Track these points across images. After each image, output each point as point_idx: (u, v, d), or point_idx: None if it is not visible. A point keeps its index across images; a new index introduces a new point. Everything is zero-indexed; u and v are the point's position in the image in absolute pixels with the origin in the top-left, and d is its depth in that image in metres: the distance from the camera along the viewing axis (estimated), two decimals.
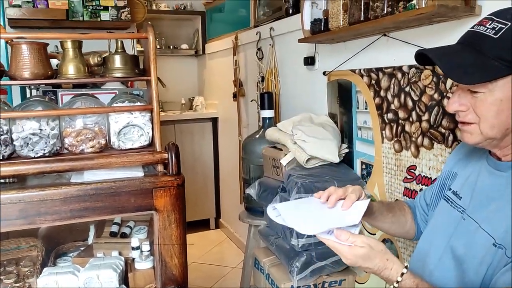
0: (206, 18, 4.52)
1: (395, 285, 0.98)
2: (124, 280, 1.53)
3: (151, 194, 1.34)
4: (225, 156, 4.20)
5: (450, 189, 1.18)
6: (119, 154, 1.37)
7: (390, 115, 1.83)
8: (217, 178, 4.40)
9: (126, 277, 1.56)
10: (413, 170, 1.73)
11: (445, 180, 1.23)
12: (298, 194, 1.83)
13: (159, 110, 1.40)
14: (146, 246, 1.65)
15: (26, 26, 2.72)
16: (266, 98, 2.58)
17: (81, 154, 1.38)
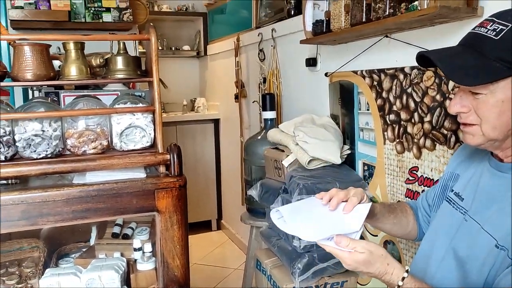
0: (208, 19, 4.52)
1: None
2: (126, 281, 1.53)
3: (153, 195, 1.34)
4: (226, 157, 4.19)
5: (452, 190, 1.17)
6: (121, 155, 1.37)
7: (392, 116, 1.83)
8: (218, 180, 4.40)
9: (128, 278, 1.56)
10: (415, 172, 1.73)
11: (447, 181, 1.23)
12: (300, 195, 1.83)
13: (161, 111, 1.40)
14: (148, 247, 1.65)
15: (28, 27, 2.72)
16: (268, 99, 2.58)
17: (83, 155, 1.38)
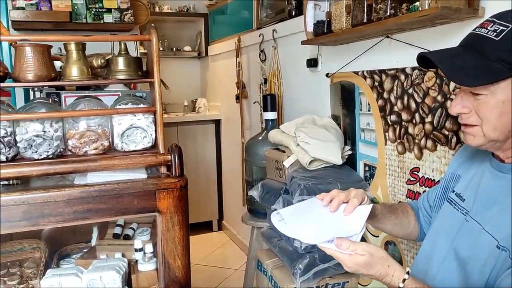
0: (209, 20, 4.52)
1: None
2: (127, 281, 1.53)
3: (154, 196, 1.34)
4: (227, 158, 4.20)
5: (454, 191, 1.17)
6: (122, 156, 1.37)
7: (393, 117, 1.83)
8: (219, 180, 4.40)
9: (129, 278, 1.56)
10: (416, 172, 1.73)
11: (448, 182, 1.23)
12: (301, 196, 1.83)
13: (162, 112, 1.41)
14: (149, 248, 1.65)
15: (29, 28, 2.73)
16: (269, 100, 2.58)
17: (84, 156, 1.38)
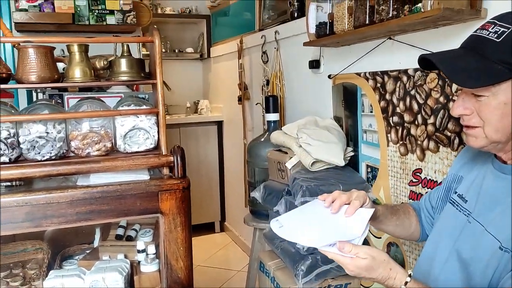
0: (211, 21, 4.53)
1: None
2: (129, 283, 1.53)
3: (157, 197, 1.34)
4: (230, 159, 4.20)
5: (456, 192, 1.17)
6: (125, 157, 1.37)
7: (396, 118, 1.83)
8: (222, 181, 4.40)
9: (131, 280, 1.56)
10: (418, 174, 1.73)
11: (451, 183, 1.23)
12: (303, 197, 1.83)
13: (165, 114, 1.41)
14: (151, 249, 1.65)
15: (32, 30, 2.74)
16: (271, 102, 2.58)
17: (87, 157, 1.38)
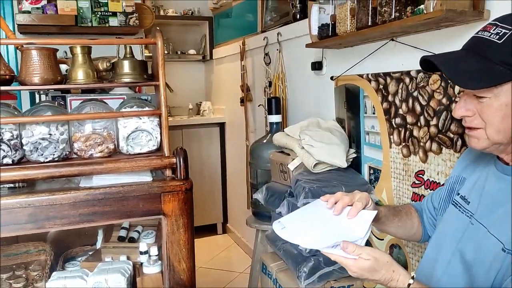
0: (213, 23, 4.53)
1: None
2: (132, 284, 1.53)
3: (159, 199, 1.35)
4: (232, 161, 4.20)
5: (459, 193, 1.17)
6: (128, 158, 1.37)
7: (398, 120, 1.82)
8: (224, 183, 4.40)
9: (134, 281, 1.56)
10: (421, 175, 1.72)
11: (453, 185, 1.23)
12: (305, 199, 1.83)
13: (167, 115, 1.41)
14: (154, 251, 1.65)
15: (35, 32, 2.75)
16: (273, 103, 2.58)
17: (90, 158, 1.39)
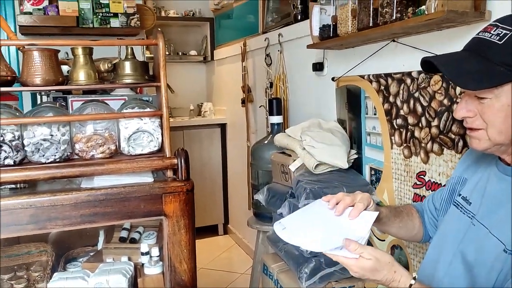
0: (214, 24, 4.54)
1: None
2: (133, 285, 1.53)
3: (161, 200, 1.35)
4: (233, 161, 4.20)
5: (460, 194, 1.17)
6: (129, 159, 1.37)
7: (399, 121, 1.82)
8: (225, 184, 4.41)
9: (135, 282, 1.56)
10: (422, 176, 1.72)
11: (455, 185, 1.22)
12: (306, 200, 1.83)
13: (169, 116, 1.41)
14: (155, 252, 1.65)
15: (37, 33, 2.75)
16: (274, 104, 2.58)
17: (91, 159, 1.39)
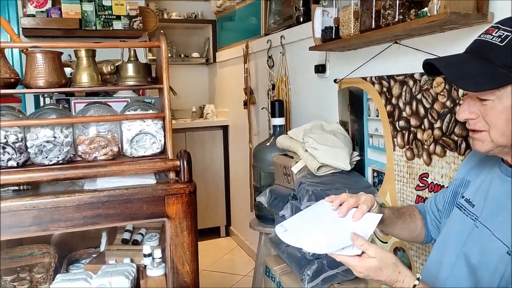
0: (217, 26, 4.54)
1: None
2: (136, 287, 1.53)
3: (163, 201, 1.35)
4: (235, 163, 4.20)
5: (463, 196, 1.17)
6: (132, 161, 1.38)
7: (402, 123, 1.82)
8: (227, 186, 4.41)
9: (138, 284, 1.56)
10: (425, 178, 1.72)
11: (458, 187, 1.22)
12: (309, 202, 1.83)
13: (171, 118, 1.41)
14: (157, 253, 1.65)
15: (40, 35, 2.76)
16: (277, 106, 2.58)
17: (94, 161, 1.39)
